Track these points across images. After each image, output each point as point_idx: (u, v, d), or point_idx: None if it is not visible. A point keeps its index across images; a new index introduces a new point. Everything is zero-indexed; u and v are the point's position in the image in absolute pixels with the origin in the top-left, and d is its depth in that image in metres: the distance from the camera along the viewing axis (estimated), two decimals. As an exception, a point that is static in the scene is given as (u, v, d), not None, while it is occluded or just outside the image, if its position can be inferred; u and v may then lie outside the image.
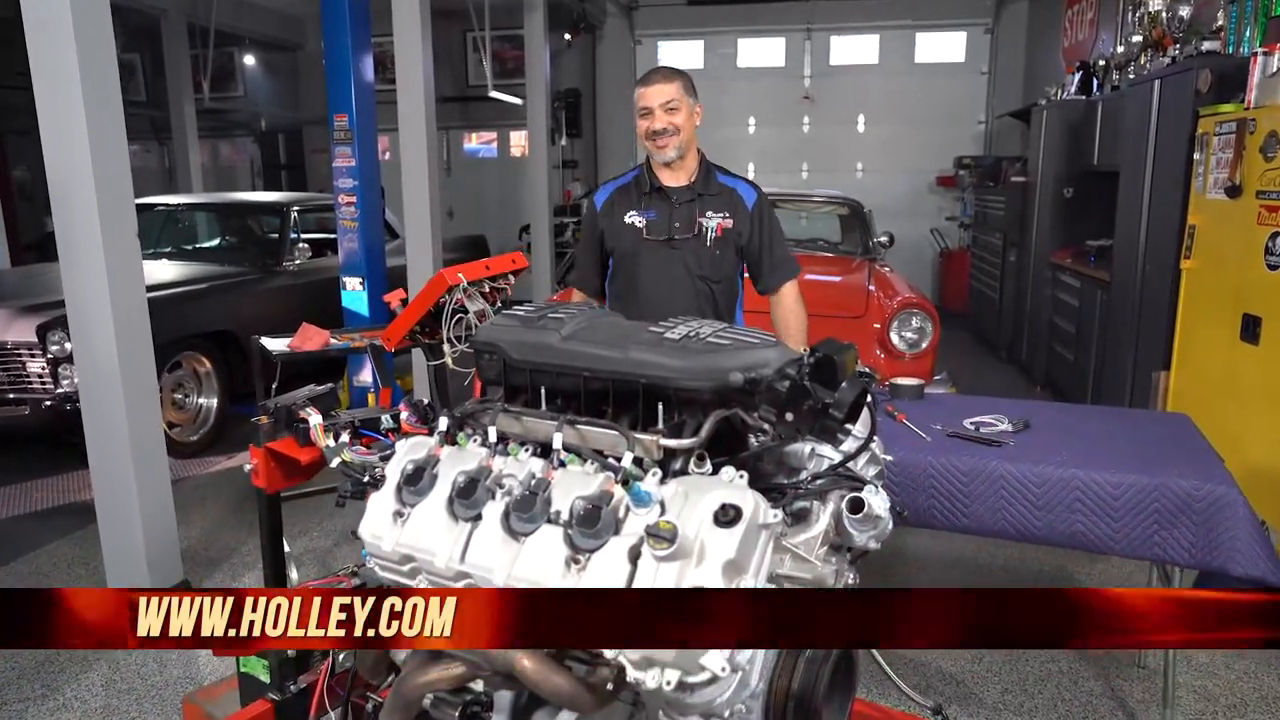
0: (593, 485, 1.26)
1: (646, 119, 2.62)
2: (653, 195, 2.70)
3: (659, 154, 2.63)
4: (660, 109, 2.59)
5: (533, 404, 1.49)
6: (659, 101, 2.59)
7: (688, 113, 2.62)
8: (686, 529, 1.14)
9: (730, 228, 2.66)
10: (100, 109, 2.93)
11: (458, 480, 1.34)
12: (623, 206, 2.73)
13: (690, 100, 2.63)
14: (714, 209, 2.67)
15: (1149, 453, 2.45)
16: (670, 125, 2.59)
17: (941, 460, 2.46)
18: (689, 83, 2.65)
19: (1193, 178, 4.15)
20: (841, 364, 1.30)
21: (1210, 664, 2.94)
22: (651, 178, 2.70)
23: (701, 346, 1.36)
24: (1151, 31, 5.32)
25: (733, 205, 2.69)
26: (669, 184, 2.69)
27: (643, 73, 2.73)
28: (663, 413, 1.37)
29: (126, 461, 3.11)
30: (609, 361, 1.40)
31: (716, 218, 2.66)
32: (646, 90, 2.60)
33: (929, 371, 4.26)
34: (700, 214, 2.66)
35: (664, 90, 2.59)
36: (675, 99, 2.59)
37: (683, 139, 2.62)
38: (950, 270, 9.90)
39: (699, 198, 2.68)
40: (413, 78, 5.25)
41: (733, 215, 2.67)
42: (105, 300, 2.99)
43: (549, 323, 1.50)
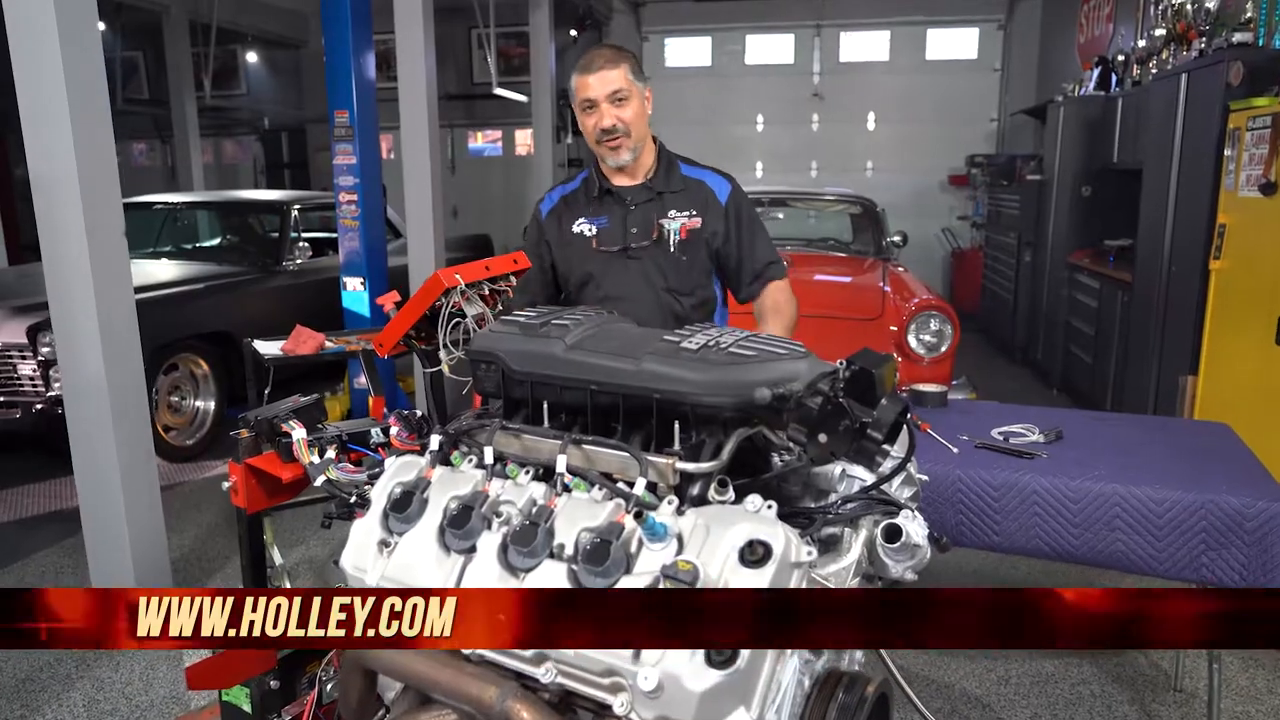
0: (600, 516, 1.12)
1: (590, 114, 2.16)
2: (603, 199, 2.27)
3: (611, 158, 2.19)
4: (606, 101, 2.13)
5: (534, 420, 1.35)
6: (604, 92, 2.12)
7: (639, 102, 2.17)
8: (709, 569, 1.00)
9: (699, 228, 2.22)
10: (85, 101, 2.80)
11: (450, 507, 1.20)
12: (570, 215, 2.31)
13: (640, 85, 2.18)
14: (678, 207, 2.23)
15: (1191, 466, 2.30)
16: (620, 123, 2.13)
17: (970, 474, 2.31)
18: (636, 63, 2.20)
19: (1223, 175, 4.00)
20: (880, 378, 1.16)
21: (1251, 688, 2.78)
22: (601, 179, 2.28)
23: (723, 358, 1.22)
24: (1175, 25, 5.16)
25: (701, 201, 2.25)
26: (621, 184, 2.26)
27: (659, 65, 2.45)
28: (679, 432, 1.23)
29: (113, 473, 2.98)
30: (619, 374, 1.26)
31: (681, 217, 2.22)
32: (587, 79, 2.13)
33: (948, 376, 4.11)
34: (661, 215, 2.22)
35: (609, 78, 2.11)
36: (623, 88, 2.12)
37: (636, 137, 2.18)
38: (962, 270, 9.74)
39: (658, 197, 2.24)
40: (414, 73, 5.13)
41: (702, 213, 2.23)
42: (90, 304, 2.86)
43: (552, 330, 1.36)
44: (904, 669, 2.87)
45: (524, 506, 1.17)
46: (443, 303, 1.88)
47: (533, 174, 8.91)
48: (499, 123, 11.28)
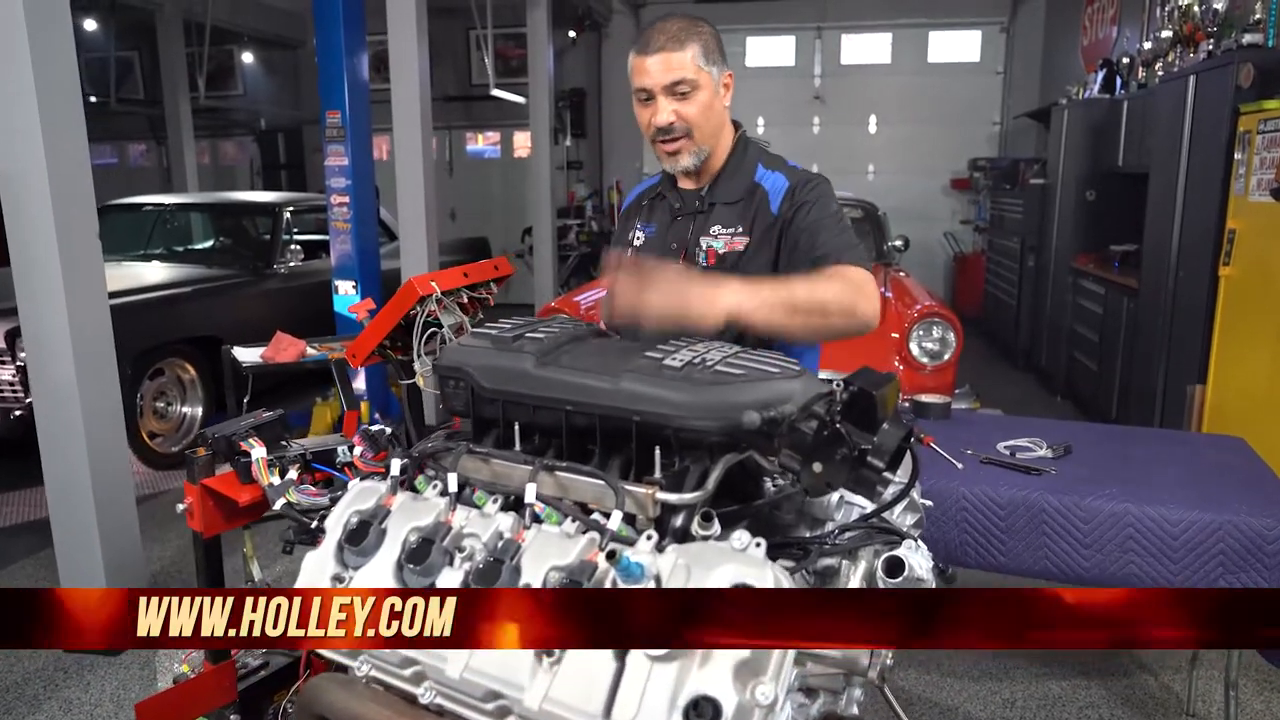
0: (571, 552, 1.01)
1: (646, 106, 1.72)
2: (659, 203, 1.93)
3: (668, 162, 1.77)
4: (665, 93, 1.68)
5: (506, 442, 1.25)
6: (663, 80, 1.67)
7: (710, 94, 1.70)
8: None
9: (740, 250, 1.74)
10: (56, 94, 2.67)
11: (409, 540, 1.10)
12: (636, 214, 1.98)
13: (713, 71, 1.71)
14: (724, 222, 1.77)
15: (1208, 483, 2.19)
16: (680, 120, 1.69)
17: (976, 490, 2.21)
18: (713, 41, 1.72)
19: (1232, 179, 3.89)
20: (882, 400, 1.05)
21: (1268, 712, 2.67)
22: (669, 176, 1.91)
23: (708, 377, 1.11)
24: (1182, 26, 5.06)
25: (753, 213, 1.76)
26: (684, 187, 1.87)
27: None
28: (660, 457, 1.13)
29: (85, 488, 2.85)
30: (595, 393, 1.15)
31: (724, 235, 1.76)
32: (644, 61, 1.68)
33: (950, 385, 4.00)
34: (702, 231, 1.79)
35: (671, 63, 1.66)
36: (689, 77, 1.67)
37: (702, 138, 1.73)
38: (964, 274, 9.63)
39: (710, 209, 1.81)
40: (407, 72, 5.04)
41: (750, 228, 1.75)
42: (62, 313, 2.73)
43: (525, 344, 1.25)
44: (906, 690, 2.77)
45: (489, 540, 1.07)
46: (417, 311, 1.79)
47: (530, 177, 8.80)
48: (498, 124, 11.17)
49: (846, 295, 1.52)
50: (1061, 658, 2.92)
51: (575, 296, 4.77)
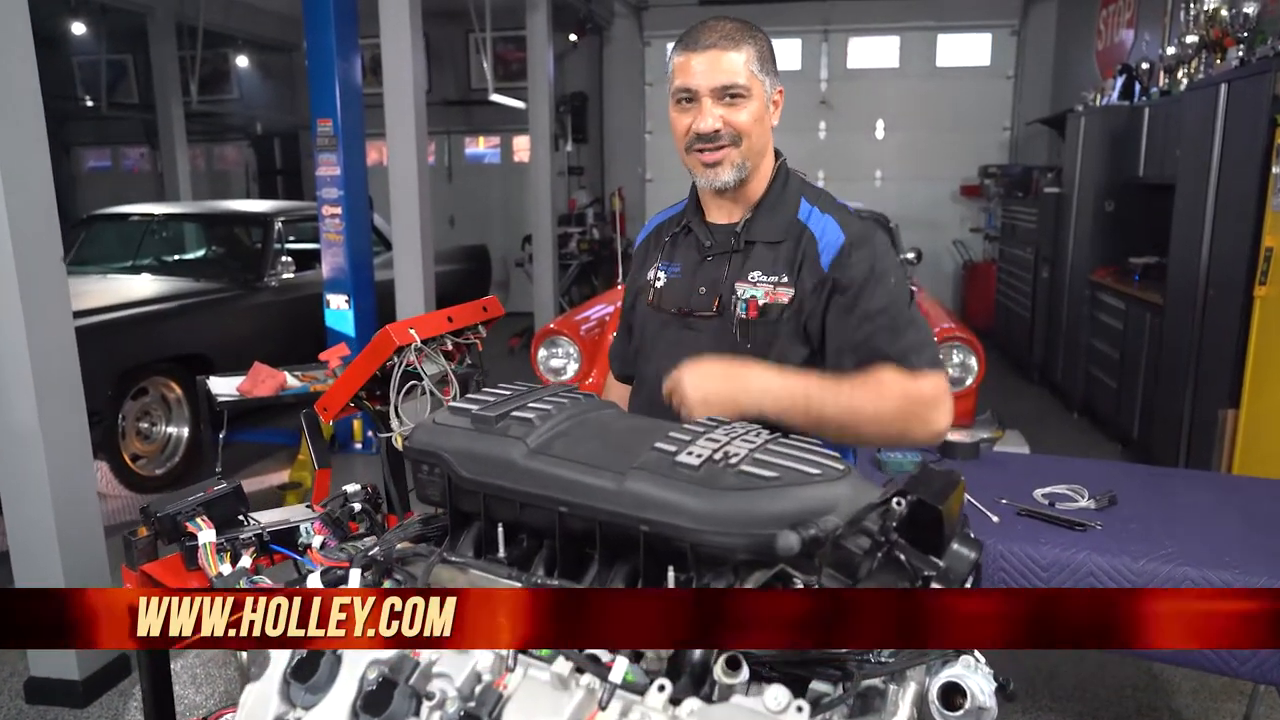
0: (564, 710, 0.81)
1: (686, 110, 1.47)
2: (684, 237, 1.63)
3: (705, 175, 1.50)
4: (712, 97, 1.45)
5: (487, 543, 1.04)
6: (712, 83, 1.44)
7: (761, 105, 1.49)
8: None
9: (786, 304, 1.47)
10: (9, 97, 2.44)
11: (367, 677, 0.89)
12: (655, 251, 1.69)
13: (766, 83, 1.49)
14: (765, 268, 1.49)
15: (1273, 540, 1.98)
16: (727, 127, 1.46)
17: (1013, 548, 2.00)
18: (766, 49, 1.50)
19: (1269, 194, 3.69)
20: (948, 515, 0.85)
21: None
22: (696, 205, 1.63)
23: (732, 480, 0.91)
24: (1209, 31, 4.85)
25: (799, 260, 1.48)
26: (715, 220, 1.59)
27: (661, 70, 1.70)
28: (674, 572, 0.93)
29: (50, 538, 2.63)
30: (594, 494, 0.95)
31: (765, 284, 1.48)
32: (690, 59, 1.45)
33: (971, 412, 3.79)
34: (739, 275, 1.51)
35: (723, 65, 1.43)
36: (742, 83, 1.44)
37: (748, 150, 1.49)
38: (974, 284, 9.42)
39: (747, 248, 1.53)
40: (401, 77, 4.86)
41: (795, 279, 1.47)
42: (21, 344, 2.51)
43: (513, 426, 1.05)
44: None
45: (464, 685, 0.86)
46: (394, 362, 1.60)
47: (530, 183, 8.61)
48: (497, 129, 10.98)
49: (902, 414, 1.35)
50: None
51: (575, 316, 4.57)
